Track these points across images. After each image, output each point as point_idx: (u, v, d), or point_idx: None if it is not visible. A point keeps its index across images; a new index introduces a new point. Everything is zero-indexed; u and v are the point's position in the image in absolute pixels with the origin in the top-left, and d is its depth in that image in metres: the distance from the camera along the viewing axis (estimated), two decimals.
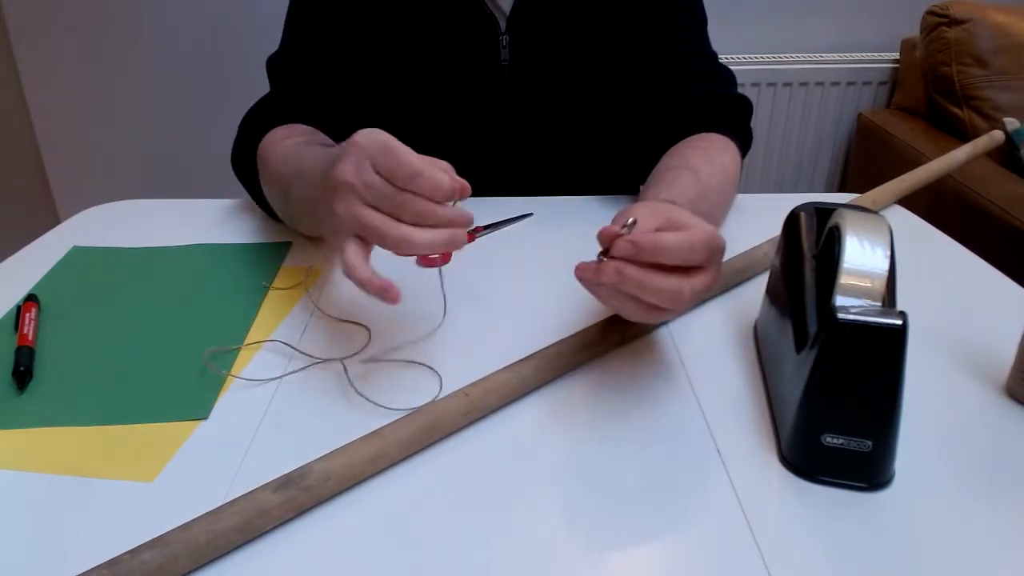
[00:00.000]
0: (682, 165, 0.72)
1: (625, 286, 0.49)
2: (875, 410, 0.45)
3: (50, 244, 0.78)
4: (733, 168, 0.79)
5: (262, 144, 0.77)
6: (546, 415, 0.54)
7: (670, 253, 0.49)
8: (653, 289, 0.49)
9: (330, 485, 0.46)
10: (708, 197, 0.69)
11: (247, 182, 0.81)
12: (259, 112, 0.81)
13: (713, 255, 0.52)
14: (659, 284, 0.49)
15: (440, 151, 0.52)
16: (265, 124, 0.79)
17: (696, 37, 0.89)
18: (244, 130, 0.81)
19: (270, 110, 0.80)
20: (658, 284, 0.49)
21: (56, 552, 0.43)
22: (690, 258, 0.50)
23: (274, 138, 0.75)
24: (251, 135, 0.79)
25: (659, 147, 0.80)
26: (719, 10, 1.87)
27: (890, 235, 0.48)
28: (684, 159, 0.74)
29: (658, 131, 0.84)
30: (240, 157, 0.80)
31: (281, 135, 0.75)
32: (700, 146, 0.78)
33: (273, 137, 0.76)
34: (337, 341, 0.61)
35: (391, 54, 0.85)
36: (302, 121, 0.79)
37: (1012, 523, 0.45)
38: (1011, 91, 1.67)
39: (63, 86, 1.93)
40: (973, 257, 0.76)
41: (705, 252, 0.51)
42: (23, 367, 0.57)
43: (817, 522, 0.45)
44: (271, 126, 0.78)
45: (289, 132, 0.76)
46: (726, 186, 0.75)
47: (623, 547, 0.43)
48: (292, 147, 0.71)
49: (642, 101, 0.87)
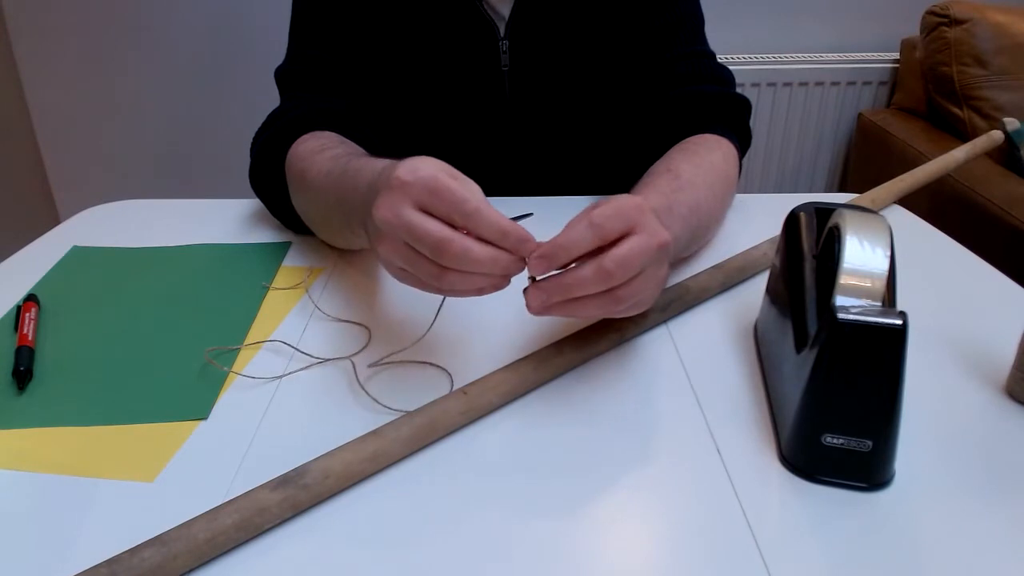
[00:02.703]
0: (663, 169, 0.71)
1: (555, 298, 0.49)
2: (875, 410, 0.45)
3: (50, 244, 0.78)
4: (724, 165, 0.78)
5: (291, 156, 0.74)
6: (546, 414, 0.54)
7: (575, 243, 0.49)
8: (578, 282, 0.49)
9: (329, 484, 0.46)
10: (686, 194, 0.67)
11: (270, 195, 0.78)
12: (278, 124, 0.78)
13: (634, 215, 0.50)
14: (581, 274, 0.49)
15: (442, 156, 0.52)
16: (288, 135, 0.76)
17: (693, 37, 0.89)
18: (264, 143, 0.78)
19: (291, 120, 0.77)
20: (580, 274, 0.49)
21: (56, 552, 0.43)
22: (604, 233, 0.49)
23: (306, 150, 0.72)
24: (274, 148, 0.76)
25: (658, 148, 0.80)
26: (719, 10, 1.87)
27: (890, 235, 0.48)
28: (667, 162, 0.73)
29: (657, 132, 0.84)
30: (262, 171, 0.78)
31: (313, 147, 0.72)
32: (688, 148, 0.77)
33: (305, 148, 0.73)
34: (337, 341, 0.61)
35: (392, 61, 0.85)
36: (325, 127, 0.77)
37: (1012, 523, 0.45)
38: (1011, 91, 1.67)
39: (63, 86, 1.93)
40: (973, 257, 0.76)
41: (619, 219, 0.49)
42: (23, 367, 0.57)
43: (817, 522, 0.45)
44: (295, 136, 0.75)
45: (321, 143, 0.72)
46: (714, 184, 0.74)
47: (623, 546, 0.43)
48: (332, 160, 0.67)
49: (641, 103, 0.88)
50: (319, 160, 0.69)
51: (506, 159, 0.91)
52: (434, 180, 0.48)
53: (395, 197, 0.48)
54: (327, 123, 0.78)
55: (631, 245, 0.49)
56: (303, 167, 0.71)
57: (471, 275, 0.49)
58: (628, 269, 0.49)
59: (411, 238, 0.48)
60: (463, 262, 0.48)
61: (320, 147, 0.71)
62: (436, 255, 0.48)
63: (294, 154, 0.74)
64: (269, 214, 0.81)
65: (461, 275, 0.49)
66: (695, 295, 0.66)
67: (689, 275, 0.67)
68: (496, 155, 0.90)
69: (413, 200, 0.48)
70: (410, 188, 0.48)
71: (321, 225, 0.73)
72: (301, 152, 0.73)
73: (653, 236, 0.50)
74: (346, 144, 0.73)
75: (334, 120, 0.78)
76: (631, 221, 0.50)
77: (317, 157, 0.70)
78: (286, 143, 0.75)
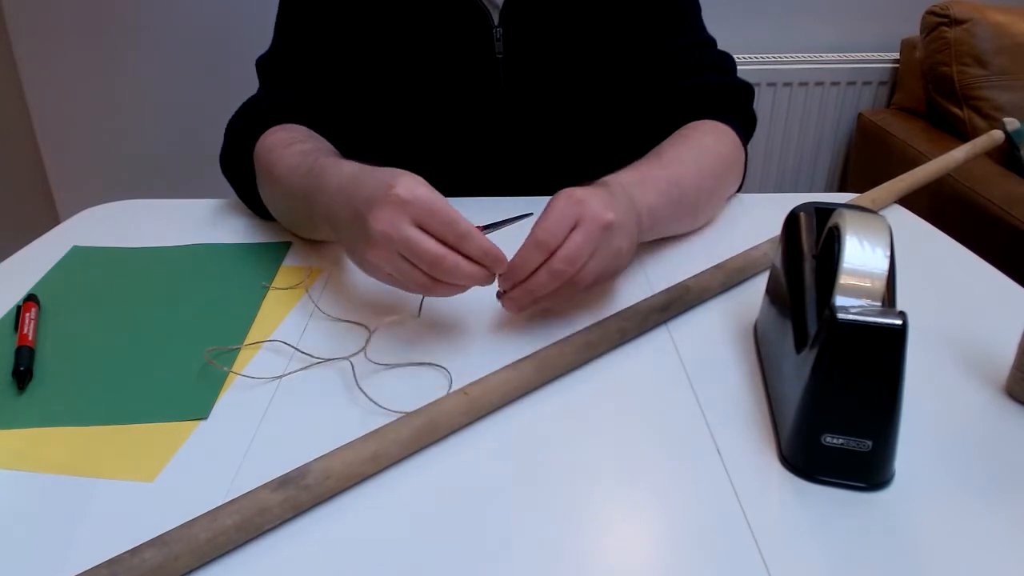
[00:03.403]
0: (650, 153, 0.76)
1: (524, 302, 0.59)
2: (875, 410, 0.45)
3: (50, 244, 0.78)
4: (715, 144, 0.80)
5: (260, 146, 0.76)
6: (546, 415, 0.54)
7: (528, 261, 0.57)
8: (538, 287, 0.57)
9: (329, 484, 0.46)
10: (667, 170, 0.72)
11: (238, 181, 0.81)
12: (251, 112, 0.81)
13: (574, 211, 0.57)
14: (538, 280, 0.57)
15: (436, 147, 0.55)
16: (259, 125, 0.78)
17: (694, 26, 0.90)
18: (236, 131, 0.80)
19: (263, 110, 0.80)
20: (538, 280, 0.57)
21: (56, 552, 0.43)
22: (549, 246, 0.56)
23: (275, 142, 0.75)
24: (245, 136, 0.79)
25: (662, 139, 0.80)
26: (719, 10, 1.87)
27: (890, 235, 0.48)
28: (656, 147, 0.77)
29: (662, 125, 0.84)
30: (232, 157, 0.80)
31: (282, 139, 0.75)
32: (681, 133, 0.81)
33: (273, 140, 0.75)
34: (337, 341, 0.61)
35: (384, 50, 0.85)
36: (296, 121, 0.79)
37: (1012, 523, 0.45)
38: (1011, 91, 1.67)
39: (63, 86, 1.93)
40: (973, 257, 0.76)
41: (559, 224, 0.56)
42: (23, 367, 0.57)
43: (817, 522, 0.45)
44: (265, 127, 0.78)
45: (290, 136, 0.75)
46: (701, 160, 0.77)
47: (623, 546, 0.43)
48: (300, 155, 0.70)
49: (645, 95, 0.88)
50: (286, 154, 0.72)
51: (501, 148, 0.90)
52: (432, 202, 0.54)
53: (394, 213, 0.54)
54: (298, 116, 0.80)
55: (574, 240, 0.57)
56: (271, 159, 0.74)
57: (454, 285, 0.56)
58: (576, 261, 0.57)
59: (408, 252, 0.54)
60: (453, 276, 0.55)
61: (289, 140, 0.74)
62: (430, 269, 0.55)
63: (263, 145, 0.76)
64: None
65: (448, 285, 0.56)
66: (695, 295, 0.66)
67: (689, 275, 0.67)
68: (491, 145, 0.90)
69: (411, 217, 0.54)
70: (409, 206, 0.54)
71: (284, 214, 0.76)
72: (270, 144, 0.76)
73: (594, 221, 0.57)
74: (315, 139, 0.76)
75: (305, 114, 0.81)
76: (572, 218, 0.57)
77: (285, 151, 0.73)
78: (256, 133, 0.78)
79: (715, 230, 0.80)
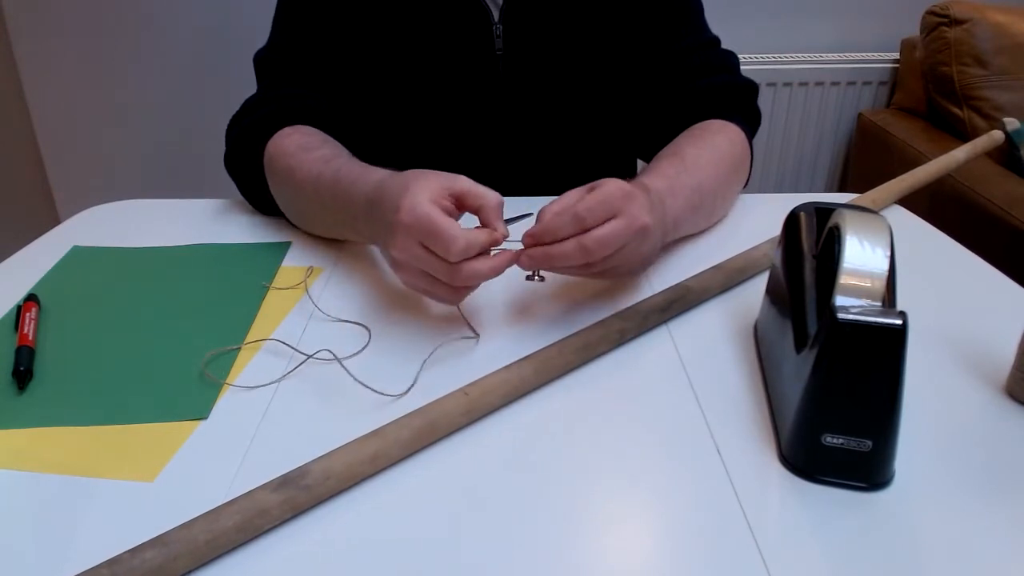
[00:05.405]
0: (670, 153, 0.76)
1: (540, 264, 0.59)
2: (875, 410, 0.45)
3: (50, 244, 0.78)
4: (728, 146, 0.81)
5: (273, 149, 0.76)
6: (546, 415, 0.54)
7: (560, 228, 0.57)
8: (561, 255, 0.57)
9: (329, 484, 0.46)
10: (690, 176, 0.73)
11: (245, 180, 0.81)
12: (258, 113, 0.80)
13: (619, 203, 0.58)
14: (564, 248, 0.57)
15: (437, 145, 0.55)
16: (268, 126, 0.78)
17: (699, 25, 0.90)
18: (244, 130, 0.80)
19: (273, 111, 0.79)
20: (563, 248, 0.57)
21: (56, 552, 0.43)
22: (586, 224, 0.57)
23: (290, 146, 0.75)
24: (253, 136, 0.78)
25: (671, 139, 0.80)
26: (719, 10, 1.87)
27: (890, 235, 0.48)
28: (674, 147, 0.78)
29: (671, 125, 0.84)
30: (240, 157, 0.80)
31: (298, 143, 0.75)
32: (694, 133, 0.81)
33: (288, 144, 0.76)
34: (337, 341, 0.61)
35: (384, 47, 0.85)
36: (303, 122, 0.79)
37: (1012, 523, 0.45)
38: (1011, 91, 1.67)
39: (63, 86, 1.93)
40: (973, 257, 0.76)
41: (603, 209, 0.57)
42: (23, 367, 0.57)
43: (817, 522, 0.45)
44: (274, 128, 0.78)
45: (306, 141, 0.76)
46: (718, 164, 0.78)
47: (622, 546, 0.43)
48: (321, 162, 0.71)
49: (649, 94, 0.88)
50: (307, 160, 0.73)
51: (501, 145, 0.90)
52: (430, 225, 0.55)
53: (405, 240, 0.57)
54: (306, 118, 0.80)
55: (612, 227, 0.57)
56: (290, 164, 0.74)
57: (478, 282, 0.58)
58: (605, 248, 0.57)
59: (427, 269, 0.57)
60: (473, 279, 0.57)
61: (305, 145, 0.75)
62: (449, 280, 0.57)
63: (277, 148, 0.76)
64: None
65: (471, 289, 0.59)
66: (695, 295, 0.66)
67: (690, 275, 0.67)
68: (491, 142, 0.90)
69: (417, 240, 0.56)
70: (412, 230, 0.56)
71: (302, 217, 0.77)
72: (286, 147, 0.76)
73: (633, 220, 0.58)
74: (329, 143, 0.76)
75: (310, 114, 0.81)
76: (614, 208, 0.58)
77: (304, 156, 0.73)
78: (265, 134, 0.78)
79: (715, 230, 0.80)
